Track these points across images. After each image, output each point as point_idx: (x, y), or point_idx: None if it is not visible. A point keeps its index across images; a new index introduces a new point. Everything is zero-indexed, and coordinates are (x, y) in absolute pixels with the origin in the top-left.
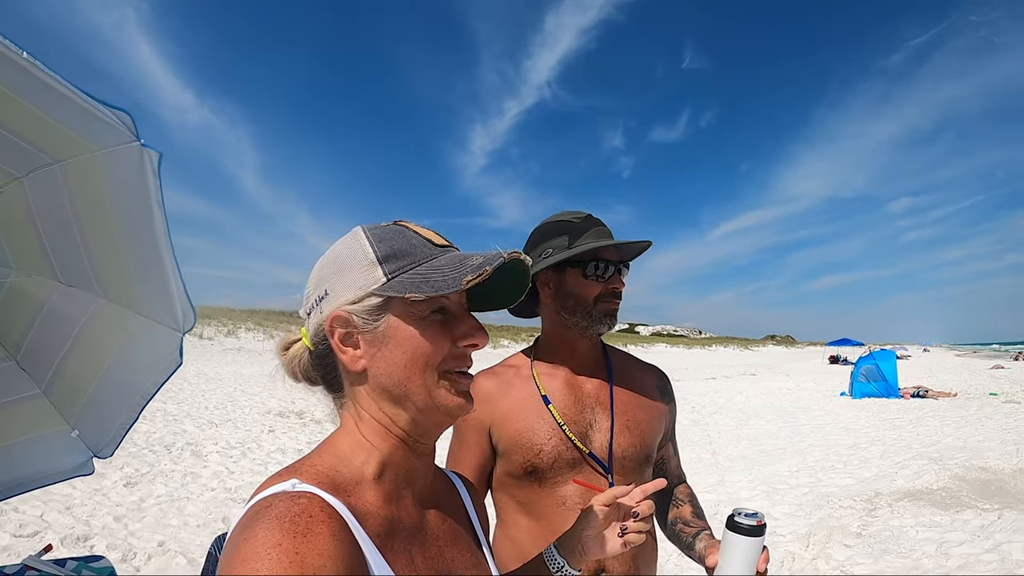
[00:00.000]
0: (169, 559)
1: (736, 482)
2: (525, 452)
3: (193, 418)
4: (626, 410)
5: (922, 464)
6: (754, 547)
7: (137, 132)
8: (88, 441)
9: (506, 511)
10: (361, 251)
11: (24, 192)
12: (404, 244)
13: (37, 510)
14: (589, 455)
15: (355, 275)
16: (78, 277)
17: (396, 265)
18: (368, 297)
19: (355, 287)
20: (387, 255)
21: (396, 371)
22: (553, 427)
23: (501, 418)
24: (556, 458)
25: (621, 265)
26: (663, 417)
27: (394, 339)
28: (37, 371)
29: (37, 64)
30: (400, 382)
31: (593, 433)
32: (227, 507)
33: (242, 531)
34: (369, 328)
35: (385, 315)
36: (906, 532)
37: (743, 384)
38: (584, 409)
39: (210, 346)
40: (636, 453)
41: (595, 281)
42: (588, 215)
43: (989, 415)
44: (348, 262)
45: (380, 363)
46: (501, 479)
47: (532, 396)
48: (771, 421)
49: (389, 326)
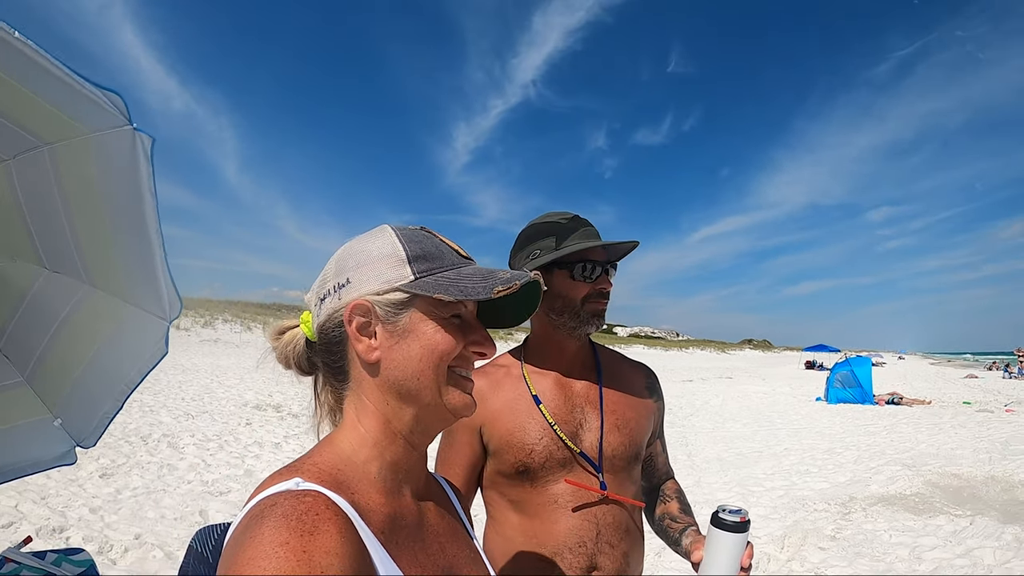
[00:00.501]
0: (146, 552)
1: (712, 483)
2: (516, 452)
3: (169, 409)
4: (615, 409)
5: (896, 470)
6: (738, 543)
7: (129, 115)
8: (71, 430)
9: (497, 509)
10: (391, 247)
11: (10, 175)
12: (433, 249)
13: (12, 500)
14: (580, 454)
15: (382, 269)
16: (64, 263)
17: (425, 266)
18: (393, 292)
19: (381, 280)
20: (417, 256)
21: (411, 364)
22: (544, 427)
23: (492, 418)
24: (547, 458)
25: (608, 265)
26: (651, 415)
27: (413, 334)
28: (20, 358)
29: (30, 44)
30: (413, 375)
31: (583, 432)
32: (204, 500)
33: (246, 530)
34: (390, 320)
35: (407, 311)
36: (879, 536)
37: (719, 387)
38: (574, 409)
39: (187, 337)
40: (626, 452)
41: (582, 282)
42: (575, 216)
43: (962, 423)
44: (376, 256)
45: (395, 356)
46: (492, 478)
47: (523, 396)
48: (747, 424)
49: (411, 321)
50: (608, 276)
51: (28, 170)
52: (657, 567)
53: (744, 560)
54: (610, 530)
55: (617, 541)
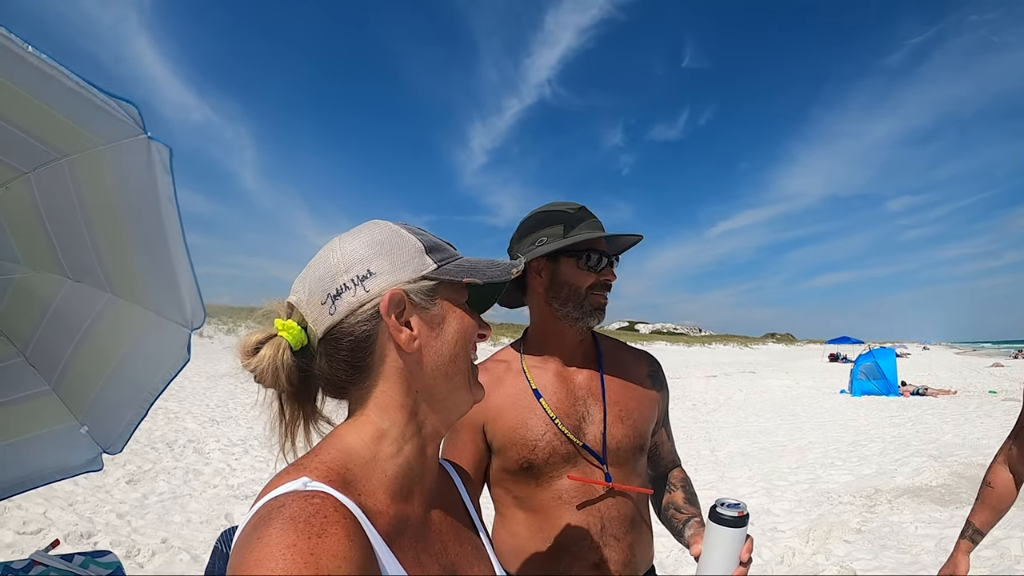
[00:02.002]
0: (172, 555)
1: (736, 478)
2: (520, 449)
3: (195, 415)
4: (618, 399)
5: (922, 461)
6: (736, 538)
7: (144, 124)
8: (97, 437)
9: (504, 505)
10: (404, 238)
11: (31, 187)
12: (436, 240)
13: (40, 507)
14: (583, 448)
15: (406, 258)
16: (86, 273)
17: (439, 256)
18: (422, 280)
19: (409, 269)
20: (430, 246)
21: (447, 349)
22: (546, 422)
23: (494, 415)
24: (551, 453)
25: (613, 258)
26: (655, 404)
27: (447, 320)
28: (46, 367)
29: (44, 58)
30: (451, 360)
31: (586, 425)
32: (229, 504)
33: (254, 531)
34: (426, 308)
35: (438, 298)
36: (905, 528)
37: (743, 382)
38: (576, 401)
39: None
40: (630, 443)
41: (589, 272)
42: (582, 206)
43: (988, 412)
44: (394, 246)
45: (434, 343)
46: (497, 475)
47: (524, 391)
48: (771, 419)
49: (444, 308)
50: (612, 268)
51: (48, 182)
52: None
53: (743, 554)
54: (615, 523)
55: (623, 534)
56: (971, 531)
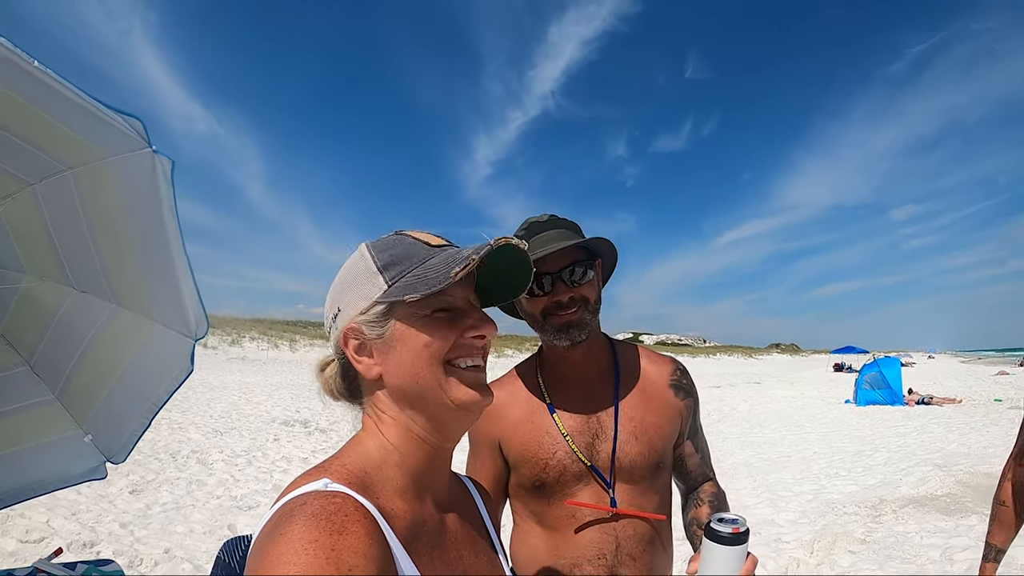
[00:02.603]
0: (175, 566)
1: (741, 489)
2: (532, 467)
3: (198, 426)
4: (634, 414)
5: (927, 471)
6: (733, 556)
7: (149, 138)
8: (101, 446)
9: (521, 518)
10: (364, 264)
11: (36, 198)
12: (402, 250)
13: (43, 516)
14: (591, 468)
15: (361, 288)
16: (91, 283)
17: (396, 271)
18: (374, 306)
19: (362, 298)
20: (387, 263)
21: (406, 370)
22: (559, 440)
23: (509, 432)
24: (562, 472)
25: (571, 269)
26: (677, 416)
27: (400, 341)
28: (51, 376)
29: (48, 72)
30: (412, 380)
31: (599, 443)
32: (232, 515)
33: (276, 527)
34: (377, 335)
35: (390, 320)
36: (911, 538)
37: (748, 392)
38: (589, 419)
39: (214, 355)
40: (644, 461)
41: (538, 297)
42: (532, 222)
43: (994, 421)
44: (354, 277)
45: (392, 366)
46: (514, 489)
47: (538, 408)
48: (775, 429)
49: (395, 330)
50: (567, 283)
51: (53, 193)
52: None
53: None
54: (631, 542)
55: (639, 553)
56: (994, 553)
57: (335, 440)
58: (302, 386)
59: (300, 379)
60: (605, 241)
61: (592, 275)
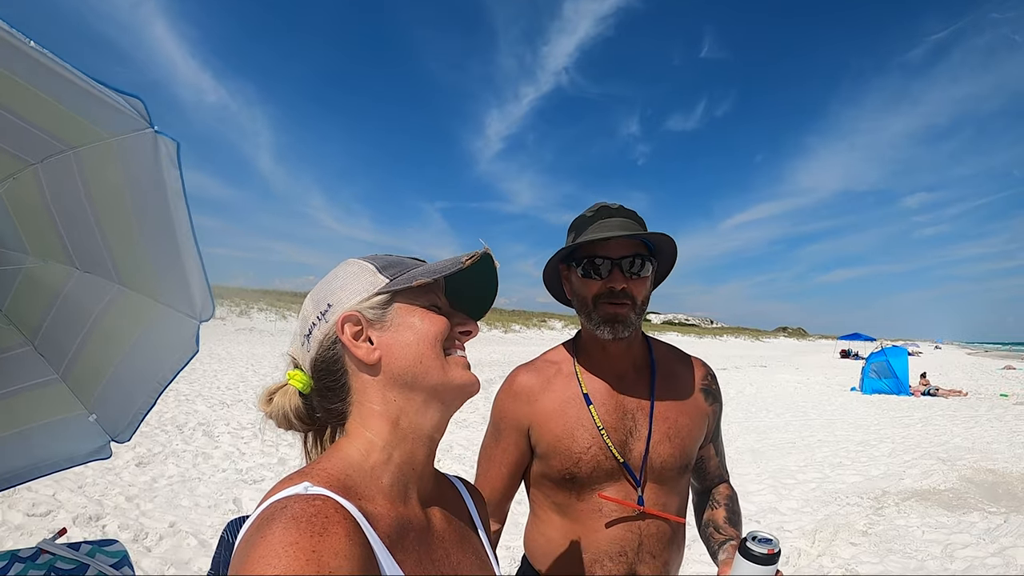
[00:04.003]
0: (180, 540)
1: (744, 475)
2: (564, 459)
3: (205, 398)
4: (668, 415)
5: (930, 464)
6: (764, 573)
7: (150, 119)
8: (106, 425)
9: (541, 508)
10: (359, 267)
11: (39, 178)
12: (395, 259)
13: (50, 489)
14: (623, 465)
15: (359, 283)
16: (95, 263)
17: (394, 271)
18: (374, 296)
19: (361, 291)
20: (384, 265)
21: (410, 351)
22: (593, 433)
23: (542, 419)
24: (595, 468)
25: (631, 260)
26: (705, 420)
27: (403, 322)
28: (55, 356)
29: (46, 53)
30: (415, 360)
31: (632, 442)
32: (238, 488)
33: (257, 530)
34: (379, 319)
35: (391, 307)
36: (912, 532)
37: (754, 376)
38: (625, 415)
39: (222, 326)
40: (675, 463)
41: (592, 280)
42: (602, 206)
43: (999, 416)
44: (349, 277)
45: (394, 348)
46: (538, 479)
47: (574, 397)
48: (780, 415)
49: (397, 313)
50: (625, 272)
51: (55, 173)
52: None
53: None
54: (653, 540)
55: (659, 551)
56: None
57: None
58: None
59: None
60: (669, 240)
61: (648, 272)
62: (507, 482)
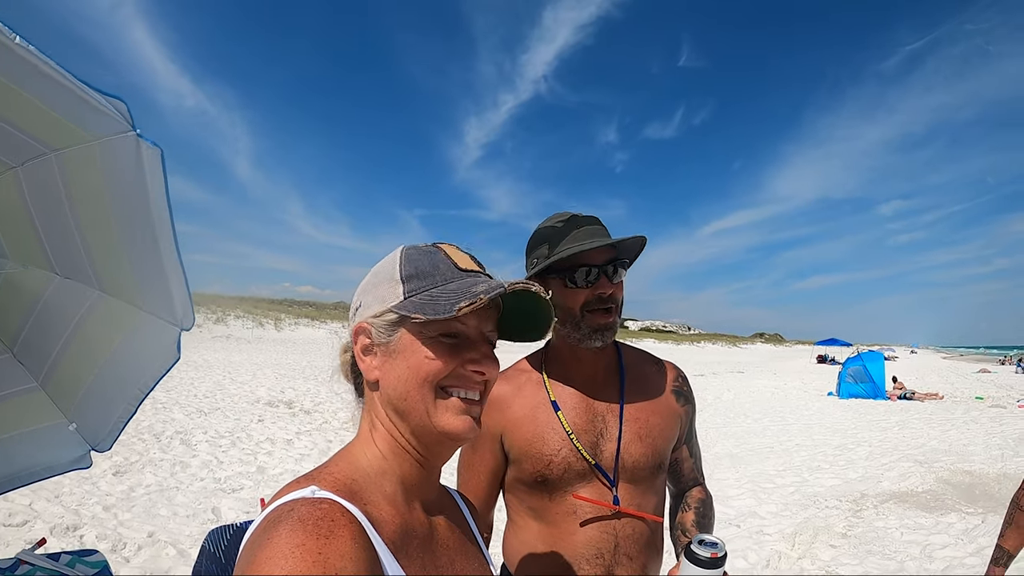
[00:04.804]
0: (159, 550)
1: (723, 479)
2: (535, 462)
3: (182, 406)
4: (638, 416)
5: (908, 466)
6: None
7: (133, 121)
8: (86, 434)
9: (517, 514)
10: (391, 268)
11: (19, 182)
12: (428, 266)
13: (26, 499)
14: (595, 466)
15: (382, 290)
16: (75, 269)
17: (415, 285)
18: (387, 312)
19: (379, 302)
20: (410, 275)
21: (400, 385)
22: (563, 437)
23: (512, 426)
24: (566, 469)
25: (610, 267)
26: (678, 421)
27: (402, 354)
28: (34, 364)
29: (31, 50)
30: (402, 396)
31: (603, 443)
32: (216, 497)
33: (264, 532)
34: (384, 341)
35: (399, 330)
36: (891, 534)
37: (731, 382)
38: (595, 417)
39: (199, 333)
40: (647, 462)
41: (579, 288)
42: (572, 216)
43: (975, 419)
44: (380, 278)
45: (389, 375)
46: (512, 484)
47: (543, 403)
48: (758, 420)
49: (401, 341)
50: (610, 278)
51: (37, 177)
52: None
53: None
54: (629, 542)
55: (636, 553)
56: (1005, 557)
57: (319, 421)
58: (287, 366)
59: (285, 359)
60: (643, 241)
61: (624, 276)
62: (487, 490)
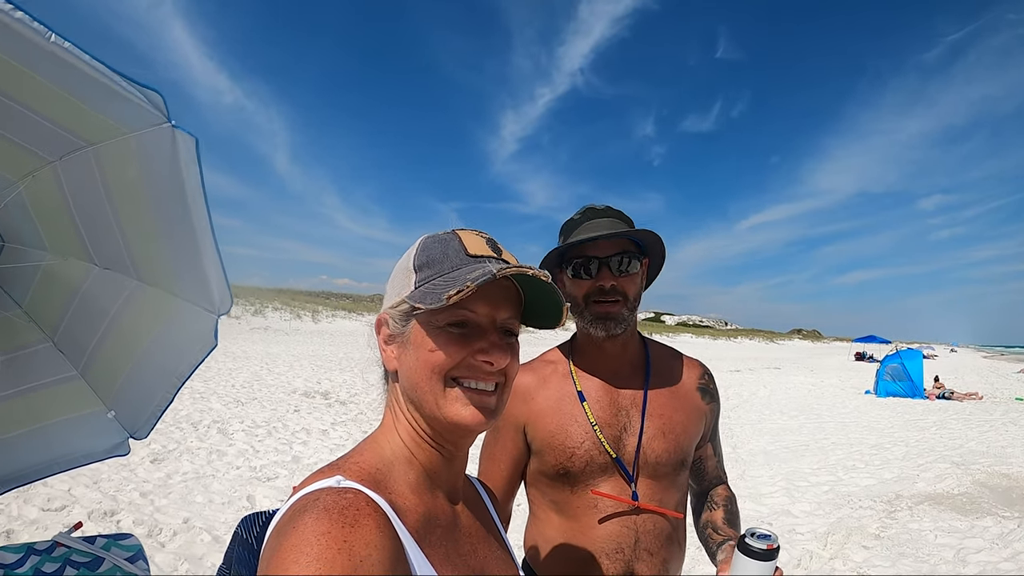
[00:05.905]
0: (194, 535)
1: (757, 477)
2: (558, 454)
3: (220, 396)
4: (662, 412)
5: (944, 468)
6: (763, 570)
7: (168, 113)
8: (124, 422)
9: (539, 506)
10: (408, 258)
11: (57, 176)
12: (439, 253)
13: (65, 485)
14: (616, 460)
15: (399, 281)
16: (113, 260)
17: (425, 274)
18: (401, 303)
19: (395, 292)
20: (421, 264)
21: (412, 375)
22: (587, 429)
23: (536, 417)
24: (588, 462)
25: (618, 258)
26: (702, 418)
27: (413, 344)
28: (74, 353)
29: (66, 46)
30: (413, 386)
31: (626, 437)
32: (252, 485)
33: (290, 521)
34: (399, 331)
35: (411, 321)
36: (925, 536)
37: (767, 378)
38: (619, 411)
39: (237, 324)
40: (669, 458)
41: (583, 279)
42: (589, 208)
43: (1014, 420)
44: (399, 268)
45: (404, 366)
46: (534, 476)
47: (568, 395)
48: (794, 417)
49: (413, 331)
50: (612, 270)
51: (74, 171)
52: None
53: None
54: (650, 537)
55: (657, 548)
56: None
57: (354, 412)
58: (323, 357)
59: (322, 350)
60: (655, 236)
61: (637, 268)
62: (508, 479)
